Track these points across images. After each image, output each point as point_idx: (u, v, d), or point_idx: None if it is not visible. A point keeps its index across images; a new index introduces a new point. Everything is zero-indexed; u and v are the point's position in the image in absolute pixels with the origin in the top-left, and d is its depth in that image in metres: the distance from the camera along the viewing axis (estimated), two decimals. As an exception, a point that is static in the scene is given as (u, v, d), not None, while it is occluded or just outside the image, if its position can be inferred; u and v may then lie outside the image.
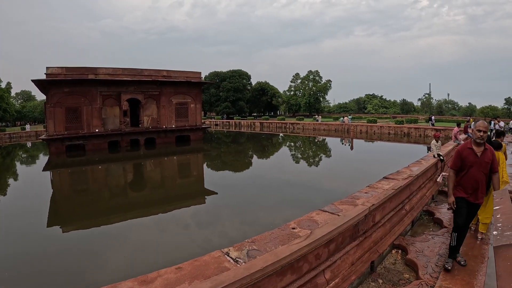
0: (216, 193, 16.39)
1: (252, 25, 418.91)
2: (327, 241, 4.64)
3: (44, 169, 27.29)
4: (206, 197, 16.02)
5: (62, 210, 15.25)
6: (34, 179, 24.19)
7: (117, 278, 3.78)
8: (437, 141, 12.61)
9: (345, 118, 55.25)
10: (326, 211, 5.73)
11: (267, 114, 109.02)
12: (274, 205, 13.76)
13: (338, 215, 5.40)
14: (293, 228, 4.87)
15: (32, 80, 32.44)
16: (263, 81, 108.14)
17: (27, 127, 71.87)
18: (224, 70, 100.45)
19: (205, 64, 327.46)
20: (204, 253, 4.03)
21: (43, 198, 16.73)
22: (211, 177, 22.27)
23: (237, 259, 3.82)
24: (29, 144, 52.46)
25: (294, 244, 4.10)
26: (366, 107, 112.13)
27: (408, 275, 5.90)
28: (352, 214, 5.36)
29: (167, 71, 39.07)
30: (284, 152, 34.65)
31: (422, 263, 6.02)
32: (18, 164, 33.07)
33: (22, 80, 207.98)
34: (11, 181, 24.29)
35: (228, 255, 3.92)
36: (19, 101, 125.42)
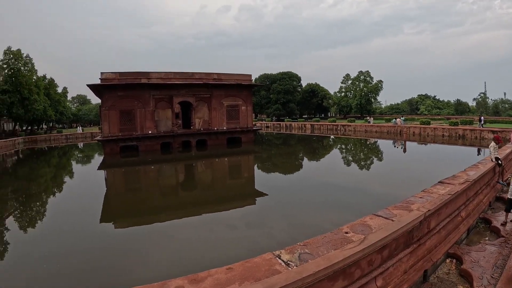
0: (267, 195, 15.99)
1: (299, 27, 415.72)
2: (381, 247, 4.47)
3: (99, 168, 28.35)
4: (256, 198, 15.70)
5: (114, 207, 15.65)
6: (89, 177, 25.14)
7: (166, 275, 3.88)
8: (496, 144, 11.80)
9: (398, 119, 53.17)
10: (379, 216, 5.64)
11: (318, 116, 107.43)
12: (324, 208, 13.23)
13: (392, 220, 5.26)
14: (346, 233, 4.79)
15: (88, 85, 33.84)
16: (313, 83, 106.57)
17: (79, 129, 75.72)
18: (273, 72, 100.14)
19: (252, 67, 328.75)
20: (253, 255, 4.07)
21: (97, 196, 17.28)
22: (261, 178, 21.86)
23: (288, 262, 3.80)
24: (80, 145, 55.01)
25: (347, 249, 3.98)
26: (418, 108, 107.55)
27: (462, 287, 5.57)
28: (407, 220, 5.19)
29: (218, 74, 39.15)
30: (335, 154, 33.59)
31: (478, 274, 5.74)
32: (74, 163, 34.56)
33: (78, 85, 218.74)
34: (68, 179, 25.35)
35: (279, 258, 3.90)
36: (75, 104, 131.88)
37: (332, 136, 53.17)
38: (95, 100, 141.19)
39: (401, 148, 35.40)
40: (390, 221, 5.13)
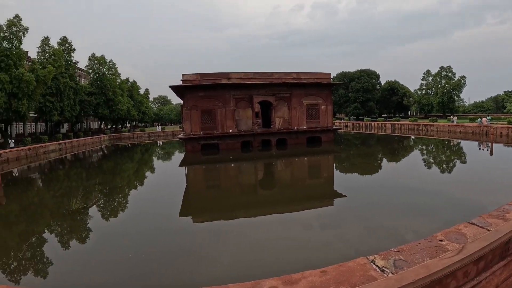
0: (345, 196, 15.18)
1: (374, 22, 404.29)
2: (478, 258, 4.16)
3: (181, 165, 29.26)
4: (334, 199, 15.06)
5: (194, 203, 15.86)
6: (170, 173, 26.13)
7: (244, 275, 4.39)
8: None
9: (484, 119, 49.02)
10: (474, 224, 5.22)
11: (397, 115, 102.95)
12: (407, 212, 12.08)
13: (488, 230, 4.79)
14: (441, 240, 4.55)
15: (170, 86, 35.07)
16: (393, 80, 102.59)
17: (158, 128, 79.32)
18: (351, 70, 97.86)
19: (329, 65, 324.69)
20: (338, 258, 4.33)
21: (178, 191, 17.68)
22: (340, 179, 21.00)
23: (383, 268, 3.66)
24: (159, 143, 57.47)
25: (446, 259, 3.81)
26: (505, 106, 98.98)
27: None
28: (505, 230, 4.70)
29: (297, 73, 38.60)
30: (416, 155, 31.42)
31: None
32: (156, 159, 36.39)
33: (159, 86, 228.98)
34: (150, 173, 26.58)
35: (373, 263, 3.77)
36: (156, 104, 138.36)
37: (412, 137, 50.37)
38: (175, 100, 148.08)
39: (487, 150, 32.54)
40: (485, 230, 4.72)
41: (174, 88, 35.96)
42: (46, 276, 8.11)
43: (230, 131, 35.63)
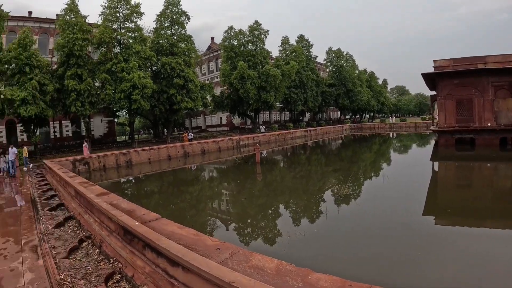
0: None
1: None
2: None
3: (431, 159, 27.50)
4: None
5: (439, 202, 14.66)
6: (416, 166, 24.51)
7: None
8: None
9: None
10: None
11: None
12: None
13: None
14: None
15: (422, 74, 33.08)
16: None
17: (390, 119, 77.75)
18: None
19: None
20: None
21: (423, 186, 16.65)
22: None
23: None
24: (392, 135, 55.06)
25: None
26: None
27: None
28: None
29: None
30: None
31: None
32: (397, 151, 35.71)
33: (394, 76, 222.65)
34: (396, 165, 25.99)
35: None
36: (394, 95, 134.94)
37: None
38: (413, 90, 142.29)
39: None
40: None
41: (426, 76, 33.74)
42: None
43: (489, 124, 31.02)
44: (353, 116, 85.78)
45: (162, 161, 32.44)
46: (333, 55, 73.72)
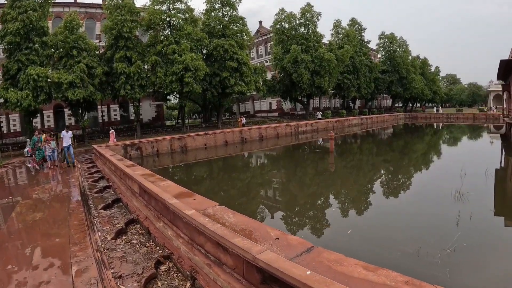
0: None
1: None
2: None
3: (506, 154, 23.96)
4: None
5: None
6: (485, 161, 20.52)
7: None
8: None
9: None
10: None
11: None
12: None
13: None
14: None
15: (501, 60, 29.35)
16: None
17: (439, 109, 74.50)
18: None
19: None
20: None
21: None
22: None
23: None
24: (439, 125, 50.60)
25: None
26: None
27: None
28: None
29: None
30: None
31: None
32: (462, 143, 33.14)
33: (448, 64, 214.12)
34: (460, 158, 22.41)
35: None
36: (444, 84, 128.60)
37: None
38: (465, 80, 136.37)
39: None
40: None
41: (503, 63, 30.25)
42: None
43: None
44: (405, 104, 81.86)
45: (219, 147, 30.89)
46: (386, 40, 69.71)
